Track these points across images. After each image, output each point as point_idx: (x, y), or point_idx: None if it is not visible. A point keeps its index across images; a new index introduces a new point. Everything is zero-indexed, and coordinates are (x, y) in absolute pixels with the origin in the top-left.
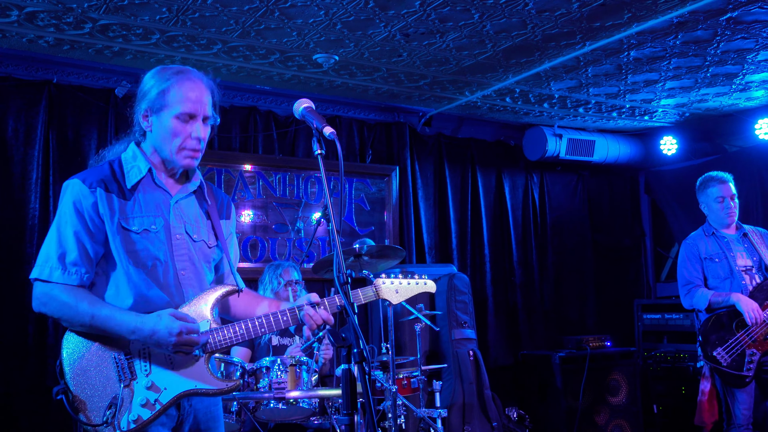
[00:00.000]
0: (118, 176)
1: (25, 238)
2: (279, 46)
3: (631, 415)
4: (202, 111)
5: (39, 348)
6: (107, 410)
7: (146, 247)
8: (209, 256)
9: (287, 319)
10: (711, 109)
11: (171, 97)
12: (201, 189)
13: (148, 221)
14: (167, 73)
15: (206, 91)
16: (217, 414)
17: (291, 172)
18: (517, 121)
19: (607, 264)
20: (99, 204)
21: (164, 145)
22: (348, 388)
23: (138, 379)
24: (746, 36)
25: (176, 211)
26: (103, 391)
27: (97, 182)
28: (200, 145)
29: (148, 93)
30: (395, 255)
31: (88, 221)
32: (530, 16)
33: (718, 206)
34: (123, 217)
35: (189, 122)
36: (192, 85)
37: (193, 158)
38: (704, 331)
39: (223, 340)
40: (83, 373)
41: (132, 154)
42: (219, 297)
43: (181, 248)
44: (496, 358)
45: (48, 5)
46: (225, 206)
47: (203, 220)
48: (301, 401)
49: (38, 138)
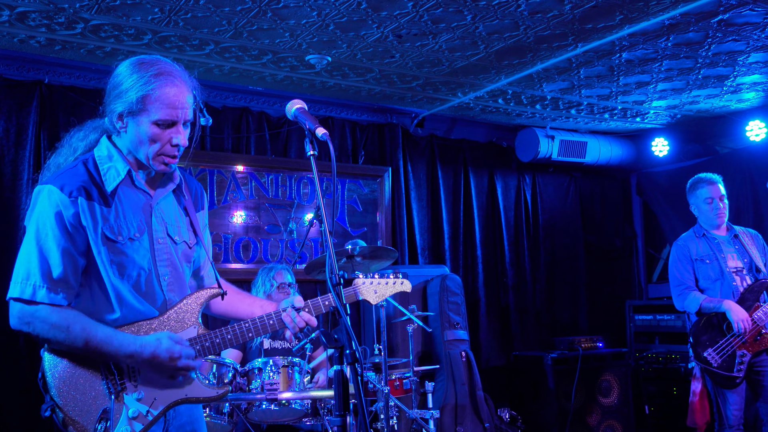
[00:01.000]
0: (96, 179)
1: (16, 238)
2: (271, 47)
3: (623, 415)
4: (183, 116)
5: (31, 350)
6: (98, 423)
7: (131, 256)
8: (190, 256)
9: (274, 322)
10: (702, 110)
11: (150, 103)
12: (180, 184)
13: (132, 229)
14: (147, 75)
15: (188, 93)
16: (199, 414)
17: (283, 173)
18: (510, 123)
19: (599, 265)
20: (81, 215)
21: (140, 148)
22: (340, 389)
23: (128, 391)
24: (737, 38)
25: (158, 215)
26: (93, 405)
27: (76, 189)
28: (179, 151)
29: (125, 94)
30: (388, 256)
31: (71, 230)
32: (522, 18)
33: (707, 207)
34: (107, 227)
35: (169, 128)
36: (174, 90)
37: (170, 164)
38: (695, 332)
39: (212, 347)
40: (69, 387)
41: (107, 152)
42: (203, 301)
43: (163, 253)
44: (488, 359)
45: (39, 5)
46: (199, 197)
47: (182, 218)
48: (293, 402)
49: (29, 138)
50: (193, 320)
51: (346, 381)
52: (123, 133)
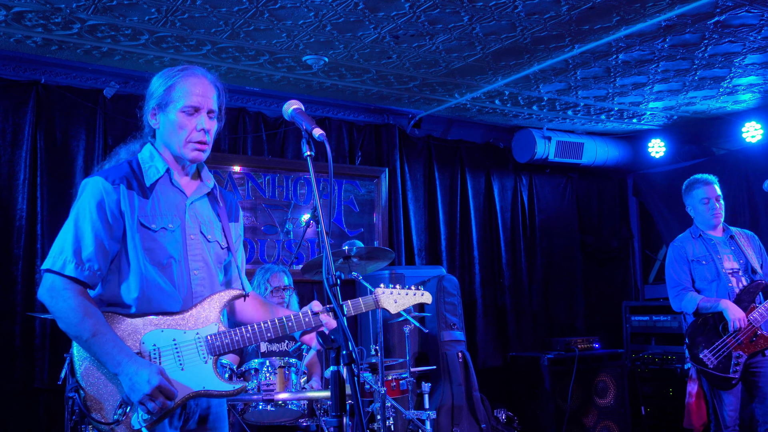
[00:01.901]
0: (137, 174)
1: (12, 239)
2: (268, 48)
3: (619, 416)
4: (206, 104)
5: (26, 349)
6: (118, 408)
7: (163, 245)
8: (221, 257)
9: (292, 324)
10: (699, 112)
11: (176, 92)
12: (214, 191)
13: (165, 220)
14: (172, 71)
15: (210, 86)
16: (222, 413)
17: (280, 174)
18: (506, 124)
19: (596, 266)
20: (121, 200)
21: (171, 139)
22: (337, 389)
23: None
24: (734, 40)
25: (191, 212)
26: (114, 391)
27: (119, 179)
28: (206, 137)
29: (155, 92)
30: (384, 257)
31: (109, 217)
32: (519, 19)
33: (703, 207)
34: (143, 215)
35: (194, 115)
36: (196, 80)
37: (200, 150)
38: (691, 333)
39: (231, 343)
40: (95, 372)
41: (149, 154)
42: (227, 301)
43: (196, 248)
44: (485, 360)
45: (36, 5)
46: (234, 209)
47: (216, 222)
48: (289, 403)
49: (26, 139)
50: (214, 317)
51: (342, 382)
52: (158, 131)
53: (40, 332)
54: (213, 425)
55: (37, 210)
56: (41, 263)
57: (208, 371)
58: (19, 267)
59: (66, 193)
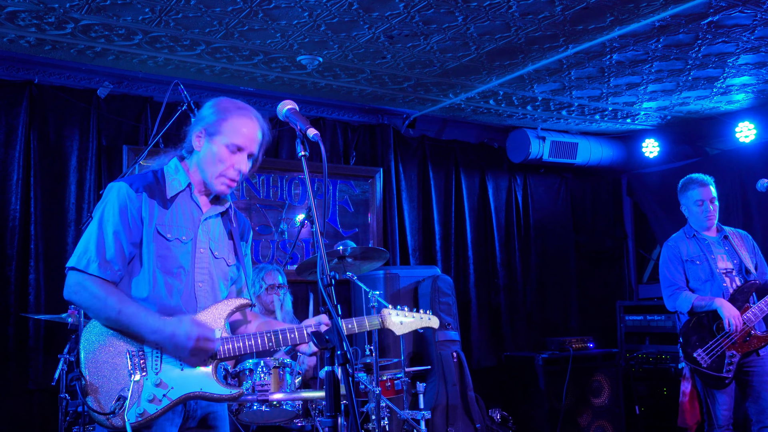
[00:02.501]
0: (161, 184)
1: (6, 239)
2: (263, 48)
3: (614, 416)
4: (251, 147)
5: (20, 350)
6: (116, 401)
7: (175, 255)
8: (227, 273)
9: (295, 336)
10: (692, 112)
11: (227, 127)
12: (229, 211)
13: (181, 231)
14: (230, 105)
15: (259, 131)
16: (222, 414)
17: (275, 174)
18: (501, 124)
19: (590, 266)
20: (143, 208)
21: (207, 167)
22: (331, 390)
23: (148, 375)
24: (727, 40)
25: (204, 228)
26: (115, 383)
27: (143, 187)
28: (239, 176)
29: (207, 117)
30: (379, 257)
31: (129, 222)
32: (513, 19)
33: (697, 209)
34: (160, 224)
35: (236, 153)
36: (249, 122)
37: (229, 186)
38: (685, 333)
39: (233, 350)
40: (98, 363)
41: (174, 167)
42: (232, 309)
43: (203, 261)
44: (479, 360)
45: (29, 5)
46: (246, 230)
47: (225, 240)
48: (284, 403)
49: (19, 139)
50: (219, 324)
51: (337, 382)
52: (196, 152)
53: (33, 333)
54: (213, 424)
55: (30, 210)
56: (35, 264)
57: (207, 374)
58: (12, 267)
59: (60, 194)
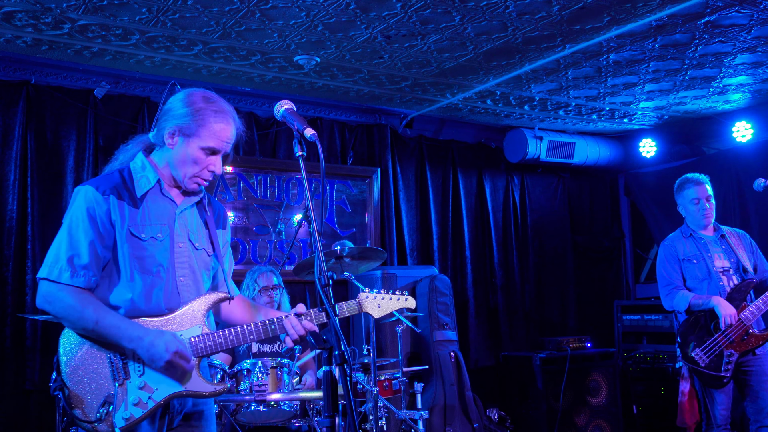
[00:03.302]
0: (128, 184)
1: (2, 240)
2: (260, 48)
3: (611, 415)
4: (226, 149)
5: (17, 351)
6: (101, 407)
7: (152, 253)
8: (208, 263)
9: (275, 327)
10: (689, 111)
11: (204, 131)
12: (203, 200)
13: (155, 229)
14: (205, 105)
15: (235, 131)
16: (208, 411)
17: (272, 174)
18: (498, 124)
19: (587, 265)
20: (111, 211)
21: (180, 167)
22: (329, 390)
23: (131, 379)
24: (724, 40)
25: (181, 221)
26: (97, 389)
27: (110, 189)
28: (212, 177)
29: (184, 117)
30: (376, 257)
31: (99, 226)
32: (511, 19)
33: (694, 208)
34: (133, 225)
35: (210, 156)
36: (226, 126)
37: (200, 185)
38: (683, 332)
39: (214, 345)
40: (79, 370)
41: (141, 164)
42: (211, 303)
43: (183, 256)
44: (477, 360)
45: (26, 5)
46: (222, 217)
47: (203, 230)
48: (282, 403)
49: (16, 139)
50: (199, 320)
51: (335, 382)
52: (168, 149)
53: (30, 333)
54: (198, 422)
55: (27, 211)
56: (32, 264)
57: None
58: (9, 268)
59: (57, 194)
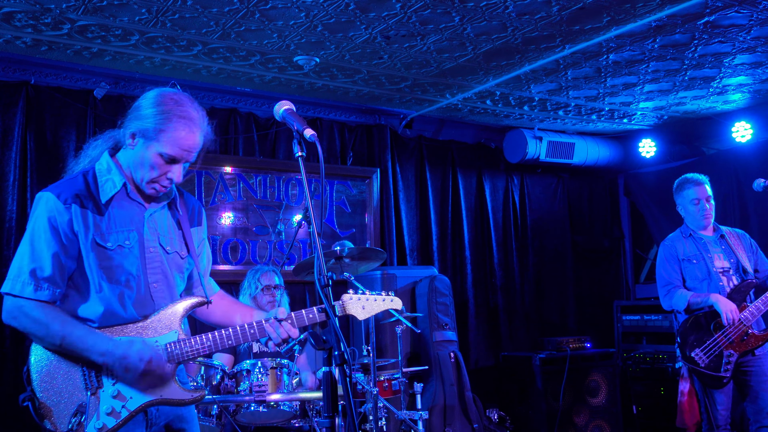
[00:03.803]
0: (92, 189)
1: (2, 241)
2: (259, 48)
3: (611, 415)
4: (187, 158)
5: (16, 353)
6: (73, 417)
7: (120, 263)
8: (182, 266)
9: (255, 332)
10: (689, 112)
11: (165, 137)
12: (175, 200)
13: (122, 237)
14: (173, 109)
15: (200, 138)
16: (188, 415)
17: (272, 174)
18: (498, 124)
19: (587, 266)
20: (74, 221)
21: (138, 170)
22: (329, 390)
23: (104, 388)
24: (723, 40)
25: (150, 224)
26: (69, 399)
27: (72, 198)
28: (171, 184)
29: (146, 119)
30: (376, 257)
31: (62, 237)
32: (510, 19)
33: (693, 208)
34: (98, 234)
35: (170, 164)
36: (189, 135)
37: (159, 192)
38: (682, 332)
39: (190, 351)
40: (50, 380)
41: (107, 166)
42: (187, 308)
43: (154, 261)
44: (477, 360)
45: (25, 6)
46: (196, 213)
47: (175, 231)
48: (281, 404)
49: (15, 140)
50: (175, 325)
51: (334, 382)
52: (129, 149)
53: None
54: (180, 426)
55: (27, 211)
56: None
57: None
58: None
59: None
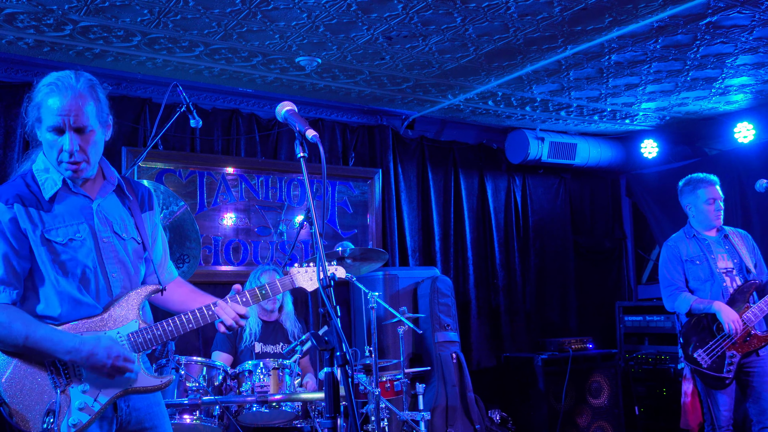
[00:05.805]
0: (33, 189)
1: None
2: (261, 49)
3: (613, 416)
4: (72, 122)
5: None
6: (46, 416)
7: (73, 256)
8: (140, 252)
9: (213, 313)
10: (691, 112)
11: (43, 112)
12: (120, 186)
13: (72, 230)
14: (44, 84)
15: (80, 99)
16: (160, 412)
17: (273, 175)
18: (500, 125)
19: (589, 266)
20: (19, 219)
21: (48, 157)
22: (331, 391)
23: (73, 385)
24: (725, 40)
25: (100, 214)
26: (39, 399)
27: (13, 197)
28: (74, 157)
29: (31, 108)
30: (378, 258)
31: (10, 238)
32: (512, 20)
33: (707, 208)
34: (45, 229)
35: (60, 135)
36: (56, 98)
37: (74, 171)
38: (685, 333)
39: (153, 339)
40: (17, 383)
41: (43, 166)
42: (144, 297)
43: (109, 251)
44: (479, 361)
45: (28, 7)
46: (146, 199)
47: (128, 218)
48: (283, 405)
49: (17, 141)
50: (134, 314)
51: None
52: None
53: None
54: (152, 424)
55: None
56: None
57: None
58: None
59: None
